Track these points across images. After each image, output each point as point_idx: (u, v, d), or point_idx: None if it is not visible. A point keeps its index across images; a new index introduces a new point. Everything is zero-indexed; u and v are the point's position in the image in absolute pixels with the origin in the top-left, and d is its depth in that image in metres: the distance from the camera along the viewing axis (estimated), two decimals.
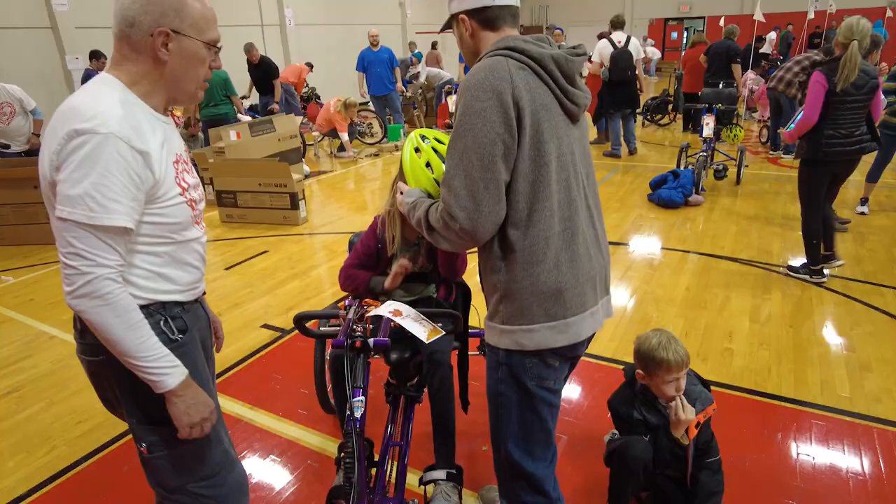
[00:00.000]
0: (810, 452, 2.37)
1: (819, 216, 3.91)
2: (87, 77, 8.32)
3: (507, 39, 1.37)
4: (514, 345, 1.42)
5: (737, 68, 7.71)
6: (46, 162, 1.18)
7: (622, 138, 8.03)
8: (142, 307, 1.24)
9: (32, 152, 6.08)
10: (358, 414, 1.54)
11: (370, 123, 10.03)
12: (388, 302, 1.66)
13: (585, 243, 1.43)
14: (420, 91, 10.93)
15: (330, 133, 8.60)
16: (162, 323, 1.30)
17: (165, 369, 1.24)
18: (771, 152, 7.81)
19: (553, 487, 1.58)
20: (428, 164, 1.54)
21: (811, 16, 12.15)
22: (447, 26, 1.56)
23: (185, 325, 1.35)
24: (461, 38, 1.49)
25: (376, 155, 9.15)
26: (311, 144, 8.75)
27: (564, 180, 1.37)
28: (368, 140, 9.86)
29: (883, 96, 4.56)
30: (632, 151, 8.12)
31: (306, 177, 7.54)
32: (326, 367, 2.56)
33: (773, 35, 15.04)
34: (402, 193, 1.54)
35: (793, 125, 3.74)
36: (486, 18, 1.42)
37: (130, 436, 2.60)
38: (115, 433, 2.68)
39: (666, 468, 2.03)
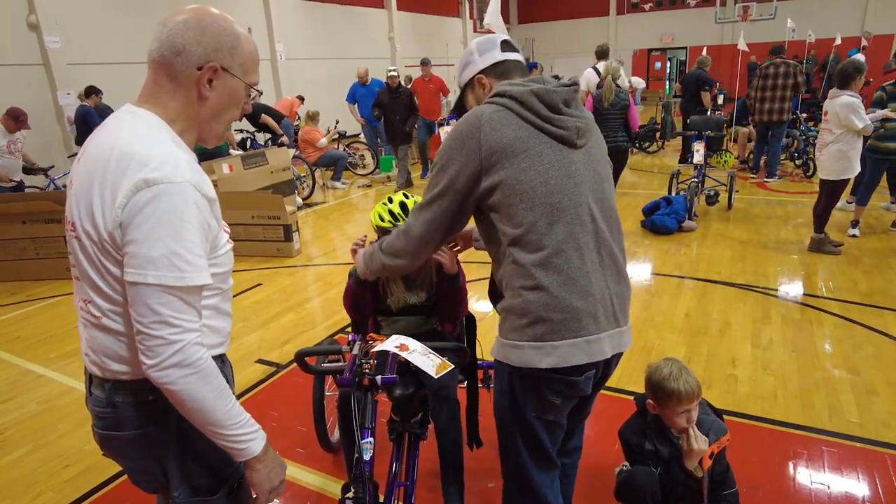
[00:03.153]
0: (825, 481, 2.31)
1: None
2: (82, 114, 8.25)
3: (498, 85, 1.50)
4: (503, 357, 1.47)
5: (705, 95, 8.21)
6: (101, 215, 1.05)
7: None
8: None
9: (20, 188, 6.04)
10: (367, 456, 1.47)
11: (362, 155, 10.07)
12: (394, 336, 1.61)
13: (585, 268, 1.41)
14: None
15: (320, 161, 8.59)
16: None
17: (250, 435, 1.15)
18: (751, 175, 7.94)
19: (555, 497, 1.63)
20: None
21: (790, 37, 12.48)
22: (461, 108, 1.65)
23: (226, 379, 1.23)
24: (479, 101, 1.57)
25: (368, 186, 9.16)
26: (303, 177, 8.71)
27: (557, 203, 1.40)
28: (360, 171, 9.88)
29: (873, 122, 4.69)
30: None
31: (299, 209, 7.51)
32: (326, 403, 2.49)
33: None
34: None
35: None
36: (501, 72, 1.57)
37: (120, 480, 2.52)
38: (103, 477, 2.56)
39: (679, 500, 1.97)
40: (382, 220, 2.03)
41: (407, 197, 2.08)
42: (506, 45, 1.61)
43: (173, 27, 1.11)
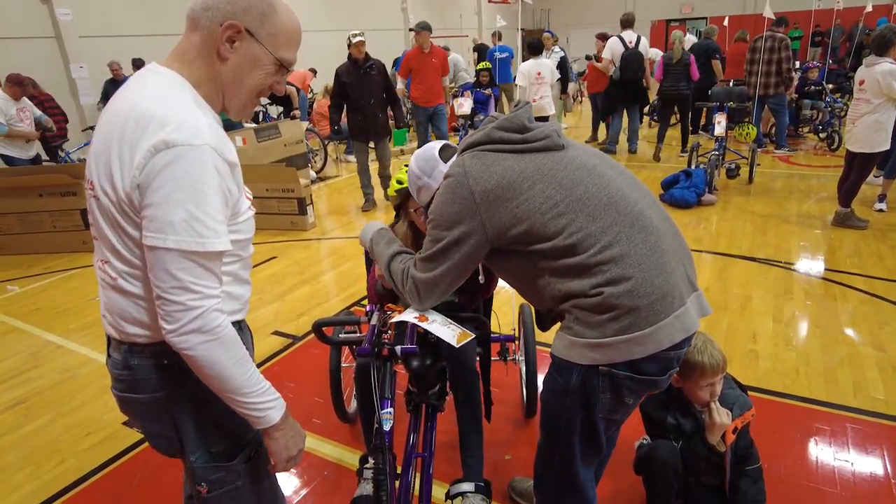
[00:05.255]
0: (849, 458, 2.27)
1: (667, 122, 7.94)
2: None
3: (460, 143, 1.50)
4: (580, 356, 1.34)
5: (716, 63, 8.16)
6: (119, 175, 1.03)
7: (626, 138, 8.11)
8: None
9: (37, 160, 6.04)
10: (387, 426, 1.45)
11: None
12: (412, 307, 1.58)
13: (650, 241, 1.32)
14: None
15: (332, 135, 8.50)
16: None
17: (270, 403, 1.14)
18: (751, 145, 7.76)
19: (593, 490, 1.59)
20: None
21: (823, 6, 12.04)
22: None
23: (245, 346, 1.22)
24: None
25: None
26: (316, 150, 8.64)
27: (583, 195, 1.33)
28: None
29: None
30: (632, 151, 8.09)
31: (313, 182, 7.47)
32: (342, 374, 2.48)
33: None
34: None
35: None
36: None
37: (139, 449, 2.55)
38: (123, 446, 2.60)
39: (701, 475, 1.94)
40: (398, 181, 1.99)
41: None
42: (443, 152, 1.63)
43: None
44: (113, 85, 8.45)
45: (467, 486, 1.90)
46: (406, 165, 1.95)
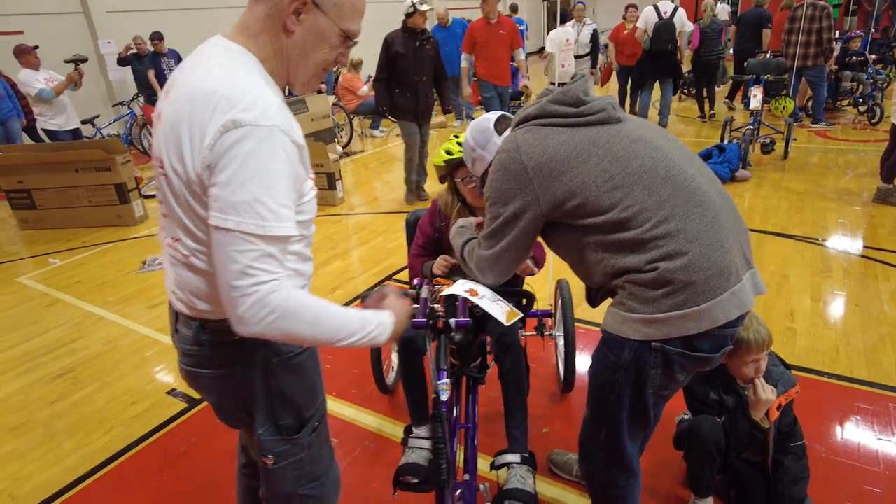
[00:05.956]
0: (892, 438, 2.25)
1: (703, 82, 8.28)
2: (154, 63, 8.28)
3: (515, 118, 1.49)
4: (635, 332, 1.33)
5: (766, 33, 7.94)
6: (189, 156, 1.02)
7: (658, 111, 7.89)
8: None
9: (78, 135, 6.11)
10: (444, 397, 1.48)
11: None
12: (462, 281, 1.59)
13: (707, 216, 1.30)
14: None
15: (359, 109, 8.47)
16: None
17: (371, 332, 1.14)
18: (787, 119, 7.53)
19: (638, 464, 1.60)
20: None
21: None
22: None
23: None
24: None
25: None
26: (342, 125, 8.62)
27: (639, 168, 1.31)
28: None
29: None
30: (662, 125, 7.89)
31: (339, 157, 7.48)
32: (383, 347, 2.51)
33: None
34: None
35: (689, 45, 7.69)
36: None
37: (184, 417, 2.63)
38: (169, 414, 2.68)
39: (743, 451, 1.94)
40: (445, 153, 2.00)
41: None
42: (499, 124, 1.64)
43: None
44: (138, 59, 8.48)
45: (513, 457, 1.92)
46: (455, 136, 1.94)
